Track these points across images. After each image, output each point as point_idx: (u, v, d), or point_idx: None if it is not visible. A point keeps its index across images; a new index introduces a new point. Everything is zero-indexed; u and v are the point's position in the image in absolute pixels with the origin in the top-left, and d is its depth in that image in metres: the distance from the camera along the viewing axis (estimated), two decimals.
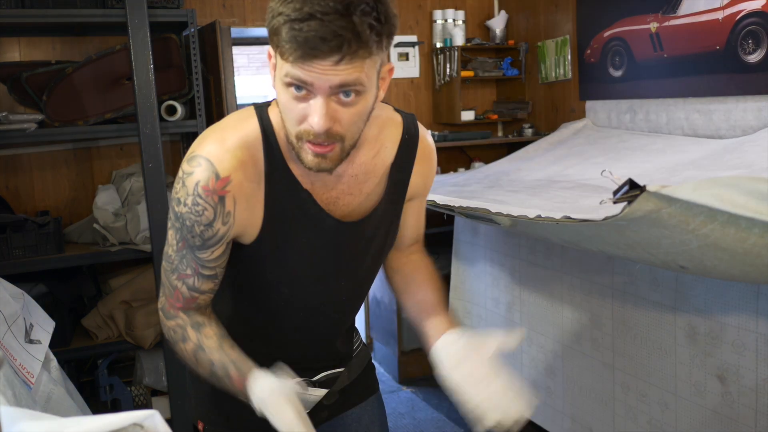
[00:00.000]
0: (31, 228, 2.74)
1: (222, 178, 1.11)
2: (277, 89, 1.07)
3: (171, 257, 1.20)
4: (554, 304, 2.63)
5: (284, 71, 1.02)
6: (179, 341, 1.23)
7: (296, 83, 1.01)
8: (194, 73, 2.95)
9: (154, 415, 1.03)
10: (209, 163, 1.11)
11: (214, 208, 1.12)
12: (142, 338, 2.93)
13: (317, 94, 1.01)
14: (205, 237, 1.15)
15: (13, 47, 3.09)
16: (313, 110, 1.02)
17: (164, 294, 1.24)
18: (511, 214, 1.85)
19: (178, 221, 1.16)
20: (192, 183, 1.11)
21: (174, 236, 1.19)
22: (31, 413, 1.03)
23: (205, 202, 1.12)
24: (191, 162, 1.13)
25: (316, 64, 0.98)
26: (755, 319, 1.83)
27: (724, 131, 2.55)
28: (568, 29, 3.41)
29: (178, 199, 1.14)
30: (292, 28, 0.97)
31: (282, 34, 0.98)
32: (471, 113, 3.80)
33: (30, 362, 1.65)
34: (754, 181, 1.20)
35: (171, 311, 1.23)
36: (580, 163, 2.72)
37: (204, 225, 1.14)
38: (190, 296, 1.21)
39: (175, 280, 1.21)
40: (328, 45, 0.96)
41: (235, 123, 1.17)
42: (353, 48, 0.97)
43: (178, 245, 1.18)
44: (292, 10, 0.97)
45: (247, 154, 1.13)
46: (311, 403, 1.36)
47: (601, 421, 2.44)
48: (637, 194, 1.25)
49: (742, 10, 2.42)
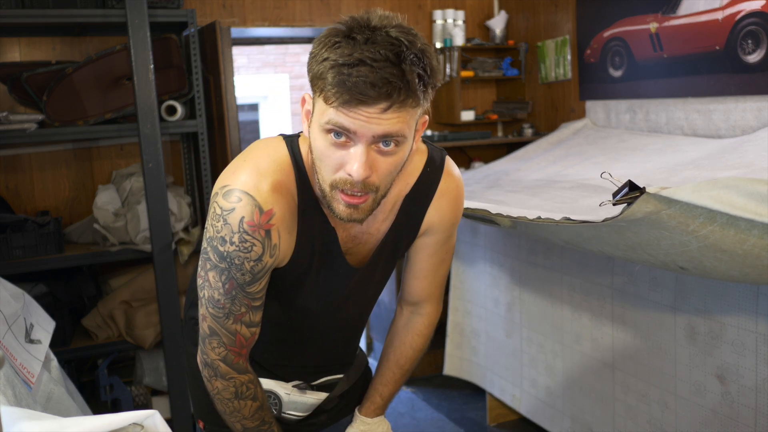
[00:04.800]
0: (31, 228, 2.75)
1: (266, 211, 1.08)
2: (314, 135, 1.04)
3: (220, 302, 1.13)
4: (554, 304, 2.63)
5: (326, 117, 0.99)
6: (249, 399, 1.21)
7: (338, 130, 0.99)
8: (194, 73, 2.95)
9: (154, 415, 1.03)
10: (249, 197, 1.07)
11: (262, 243, 1.10)
12: (142, 338, 2.93)
13: (358, 142, 1.00)
14: (255, 271, 1.12)
15: (13, 47, 3.09)
16: (353, 158, 1.00)
17: (221, 345, 1.17)
18: (510, 215, 1.85)
19: (224, 261, 1.10)
20: (236, 220, 1.07)
21: (218, 278, 1.12)
22: (31, 413, 1.03)
23: (253, 237, 1.08)
24: (228, 197, 1.08)
25: (362, 111, 0.97)
26: (755, 319, 1.83)
27: (724, 131, 2.55)
28: (568, 29, 3.41)
29: (222, 239, 1.09)
30: (341, 73, 0.95)
31: (328, 78, 0.97)
32: (471, 113, 3.80)
33: (30, 362, 1.65)
34: (753, 183, 1.20)
35: (240, 363, 1.19)
36: (580, 163, 2.72)
37: (254, 261, 1.10)
38: (250, 335, 1.18)
39: (233, 324, 1.15)
40: (378, 91, 0.95)
41: (266, 152, 1.13)
42: (402, 96, 0.97)
43: (225, 287, 1.12)
44: (340, 55, 0.96)
45: (284, 186, 1.11)
46: (311, 406, 1.37)
47: (601, 421, 2.44)
48: (636, 196, 1.25)
49: (741, 10, 2.42)
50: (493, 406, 3.10)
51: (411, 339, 1.42)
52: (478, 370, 3.14)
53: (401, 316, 1.43)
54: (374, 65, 0.94)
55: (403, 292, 1.41)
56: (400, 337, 1.42)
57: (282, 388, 1.35)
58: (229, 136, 2.99)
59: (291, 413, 1.36)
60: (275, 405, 1.35)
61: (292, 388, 1.36)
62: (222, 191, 1.09)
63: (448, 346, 3.26)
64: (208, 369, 1.20)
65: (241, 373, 1.20)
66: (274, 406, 1.35)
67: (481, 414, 3.19)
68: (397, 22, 1.00)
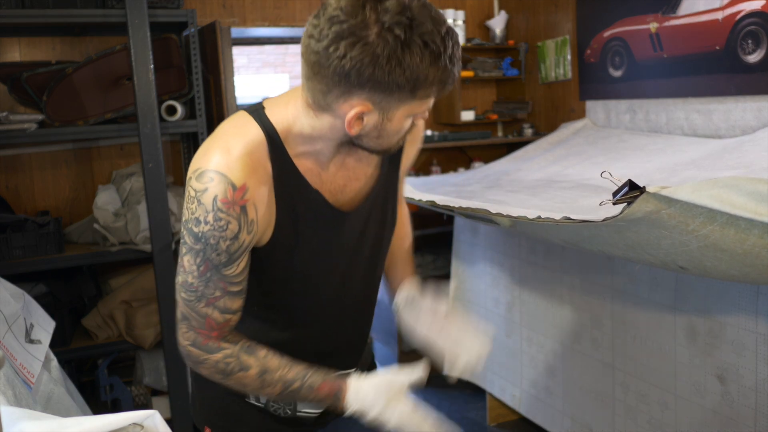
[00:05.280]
0: (31, 228, 2.75)
1: (239, 187, 1.08)
2: (394, 128, 1.11)
3: (193, 285, 1.13)
4: (554, 304, 2.63)
5: (421, 109, 1.10)
6: (237, 371, 1.18)
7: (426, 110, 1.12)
8: (194, 73, 2.95)
9: (154, 415, 1.03)
10: (221, 176, 1.08)
11: (238, 220, 1.09)
12: (142, 338, 2.93)
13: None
14: (231, 251, 1.11)
15: (13, 47, 3.09)
16: (425, 114, 1.14)
17: (191, 328, 1.16)
18: (510, 214, 1.85)
19: (199, 242, 1.10)
20: (209, 199, 1.08)
21: (193, 261, 1.12)
22: (31, 413, 1.03)
23: (227, 215, 1.08)
24: (201, 179, 1.09)
25: None
26: (755, 319, 1.83)
27: (724, 131, 2.55)
28: (568, 29, 3.41)
29: (197, 219, 1.09)
30: (444, 68, 1.04)
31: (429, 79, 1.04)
32: (471, 113, 3.80)
33: (30, 362, 1.65)
34: (753, 182, 1.20)
35: (210, 344, 1.17)
36: (580, 163, 2.72)
37: (230, 239, 1.10)
38: (223, 320, 1.16)
39: (204, 307, 1.14)
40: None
41: (234, 130, 1.14)
42: None
43: (199, 269, 1.12)
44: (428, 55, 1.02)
45: (255, 159, 1.11)
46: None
47: (601, 421, 2.44)
48: (636, 195, 1.25)
49: (741, 10, 2.42)
50: (493, 406, 3.10)
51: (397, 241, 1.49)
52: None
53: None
54: (449, 44, 1.03)
55: None
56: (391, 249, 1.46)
57: None
58: None
59: (307, 411, 1.34)
60: (289, 405, 1.32)
61: None
62: (195, 174, 1.10)
63: None
64: (186, 360, 1.20)
65: (213, 352, 1.17)
66: (288, 407, 1.32)
67: (481, 414, 3.19)
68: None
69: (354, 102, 1.05)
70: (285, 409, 1.31)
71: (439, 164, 3.78)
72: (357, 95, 1.04)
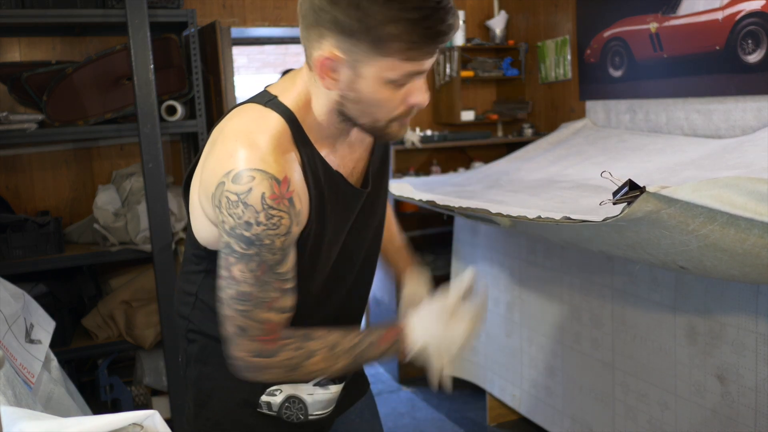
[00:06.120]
0: (31, 228, 2.75)
1: (282, 180, 1.05)
2: (367, 89, 1.05)
3: (249, 294, 1.07)
4: (554, 304, 2.63)
5: (400, 71, 1.02)
6: (303, 361, 1.13)
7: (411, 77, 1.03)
8: (194, 73, 2.95)
9: (154, 415, 1.03)
10: (261, 172, 1.03)
11: (289, 213, 1.06)
12: (142, 338, 2.93)
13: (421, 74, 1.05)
14: (285, 246, 1.07)
15: (13, 47, 3.09)
16: (420, 89, 1.06)
17: (252, 339, 1.10)
18: (510, 214, 1.85)
19: (253, 246, 1.04)
20: (257, 198, 1.02)
21: (245, 268, 1.06)
22: (31, 413, 1.03)
23: (279, 210, 1.04)
24: (238, 180, 1.03)
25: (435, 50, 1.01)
26: (755, 319, 1.83)
27: (724, 131, 2.55)
28: (568, 29, 3.41)
29: (247, 223, 1.03)
30: (427, 27, 0.97)
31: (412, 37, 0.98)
32: (471, 113, 3.80)
33: (30, 362, 1.65)
34: (753, 182, 1.20)
35: (270, 348, 1.11)
36: (580, 163, 2.72)
37: (283, 235, 1.06)
38: (283, 320, 1.11)
39: (263, 313, 1.08)
40: (455, 28, 1.00)
41: (254, 124, 1.09)
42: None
43: (255, 274, 1.06)
44: (414, 8, 0.96)
45: (284, 148, 1.08)
46: (331, 400, 1.33)
47: (601, 421, 2.44)
48: (636, 195, 1.25)
49: (741, 10, 2.42)
50: (493, 406, 3.10)
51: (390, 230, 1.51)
52: (478, 370, 3.15)
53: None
54: (447, 6, 0.98)
55: None
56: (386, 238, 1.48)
57: (303, 391, 1.29)
58: None
59: (317, 413, 1.32)
60: (301, 410, 1.29)
61: (314, 387, 1.31)
62: (228, 178, 1.04)
63: None
64: (245, 372, 1.14)
65: (277, 354, 1.12)
66: (300, 412, 1.29)
67: (481, 414, 3.19)
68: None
69: (324, 47, 1.04)
70: (297, 415, 1.29)
71: (439, 164, 3.78)
72: (327, 39, 1.03)
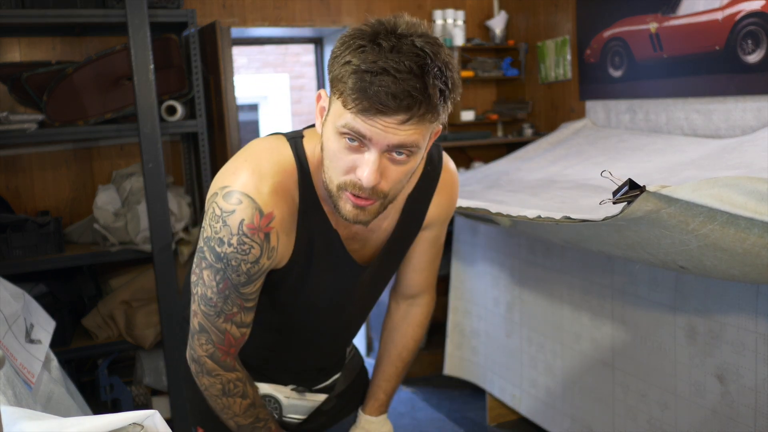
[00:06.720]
0: (31, 228, 2.75)
1: (266, 214, 1.07)
2: (328, 135, 1.03)
3: (212, 300, 1.13)
4: (554, 304, 2.63)
5: (343, 121, 0.98)
6: (236, 395, 1.21)
7: (353, 135, 0.98)
8: (194, 73, 2.95)
9: (154, 415, 1.03)
10: (250, 200, 1.06)
11: (261, 246, 1.09)
12: (142, 338, 2.93)
13: (372, 148, 0.99)
14: (251, 273, 1.11)
15: (13, 47, 3.09)
16: (365, 164, 0.99)
17: (209, 342, 1.17)
18: (510, 214, 1.85)
19: (221, 262, 1.10)
20: (235, 222, 1.06)
21: (212, 277, 1.12)
22: (31, 413, 1.03)
23: (252, 240, 1.08)
24: (228, 199, 1.07)
25: (380, 120, 0.95)
26: (755, 319, 1.83)
27: (724, 131, 2.55)
28: (568, 29, 3.41)
29: (220, 240, 1.08)
30: (363, 80, 0.94)
31: (349, 83, 0.95)
32: (471, 113, 3.80)
33: (30, 362, 1.65)
34: (753, 182, 1.20)
35: (228, 361, 1.19)
36: (580, 163, 2.72)
37: (251, 263, 1.10)
38: (240, 335, 1.18)
39: (223, 323, 1.15)
40: (398, 103, 0.94)
41: (268, 153, 1.11)
42: (422, 110, 0.95)
43: (219, 287, 1.12)
44: (363, 61, 0.94)
45: (284, 187, 1.10)
46: (310, 408, 1.37)
47: (601, 421, 2.44)
48: (636, 194, 1.25)
49: (741, 10, 2.42)
50: (493, 406, 3.10)
51: (412, 330, 1.43)
52: (478, 370, 3.14)
53: (398, 309, 1.44)
54: (397, 76, 0.93)
55: (399, 286, 1.42)
56: (400, 330, 1.43)
57: (281, 392, 1.35)
58: (229, 137, 2.99)
59: (292, 417, 1.36)
60: (275, 409, 1.35)
61: (291, 392, 1.36)
62: (222, 192, 1.08)
63: (448, 346, 3.25)
64: (195, 364, 1.21)
65: (228, 371, 1.20)
66: (275, 410, 1.34)
67: (481, 414, 3.19)
68: (423, 30, 1.00)
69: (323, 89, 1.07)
70: (272, 413, 1.34)
71: None
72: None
